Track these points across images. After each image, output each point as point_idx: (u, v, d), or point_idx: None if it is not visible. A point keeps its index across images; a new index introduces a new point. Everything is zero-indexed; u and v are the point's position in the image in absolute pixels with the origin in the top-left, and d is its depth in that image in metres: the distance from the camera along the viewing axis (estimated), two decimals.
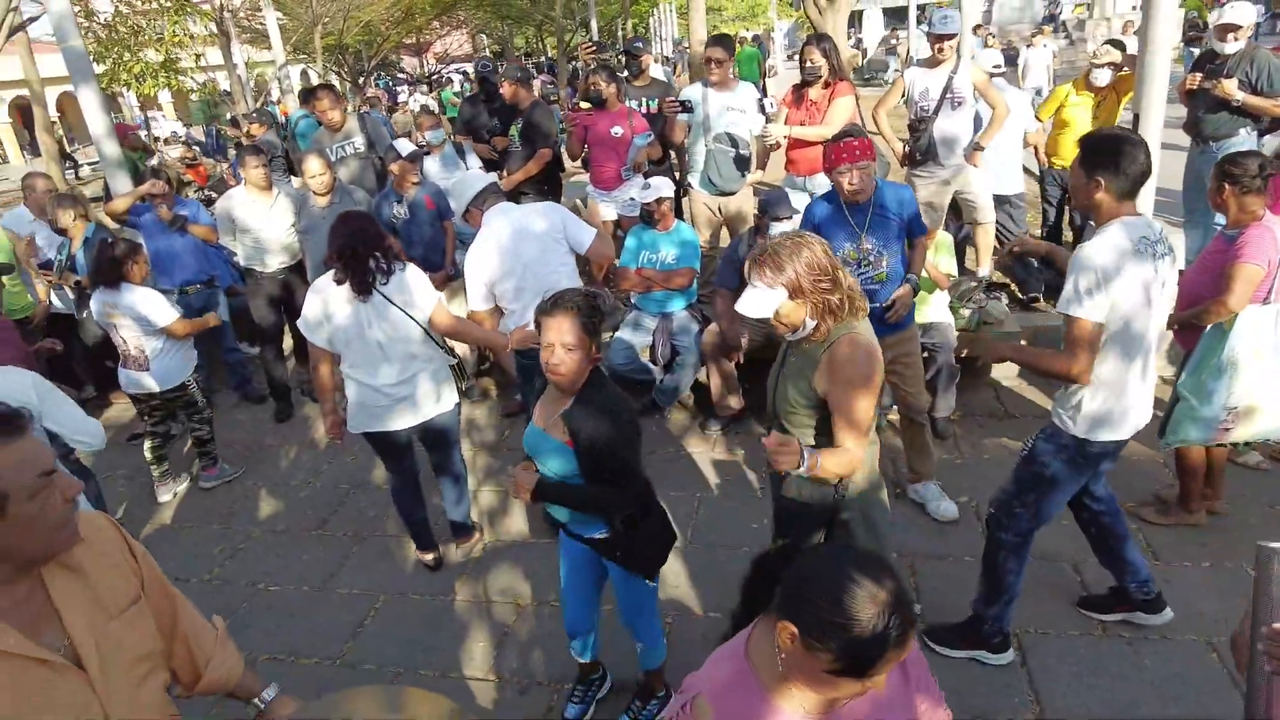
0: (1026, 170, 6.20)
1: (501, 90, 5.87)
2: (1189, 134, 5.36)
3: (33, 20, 8.32)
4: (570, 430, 2.29)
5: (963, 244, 5.54)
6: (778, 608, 1.31)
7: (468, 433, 4.97)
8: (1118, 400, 2.51)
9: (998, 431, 4.46)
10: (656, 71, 8.92)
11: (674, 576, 3.54)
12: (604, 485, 2.34)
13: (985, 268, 5.39)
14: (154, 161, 9.13)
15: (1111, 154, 2.33)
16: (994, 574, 2.84)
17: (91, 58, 6.18)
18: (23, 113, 29.01)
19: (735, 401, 4.62)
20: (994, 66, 5.79)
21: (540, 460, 2.41)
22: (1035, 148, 6.03)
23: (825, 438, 2.28)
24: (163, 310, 4.17)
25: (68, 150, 21.90)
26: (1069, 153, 5.71)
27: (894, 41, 14.97)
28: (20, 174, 23.98)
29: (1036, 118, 6.00)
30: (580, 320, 2.25)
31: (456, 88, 19.59)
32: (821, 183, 5.10)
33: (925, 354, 4.50)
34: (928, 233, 3.60)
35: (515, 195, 5.47)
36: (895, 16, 32.35)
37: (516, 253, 3.48)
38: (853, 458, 2.20)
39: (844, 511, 2.40)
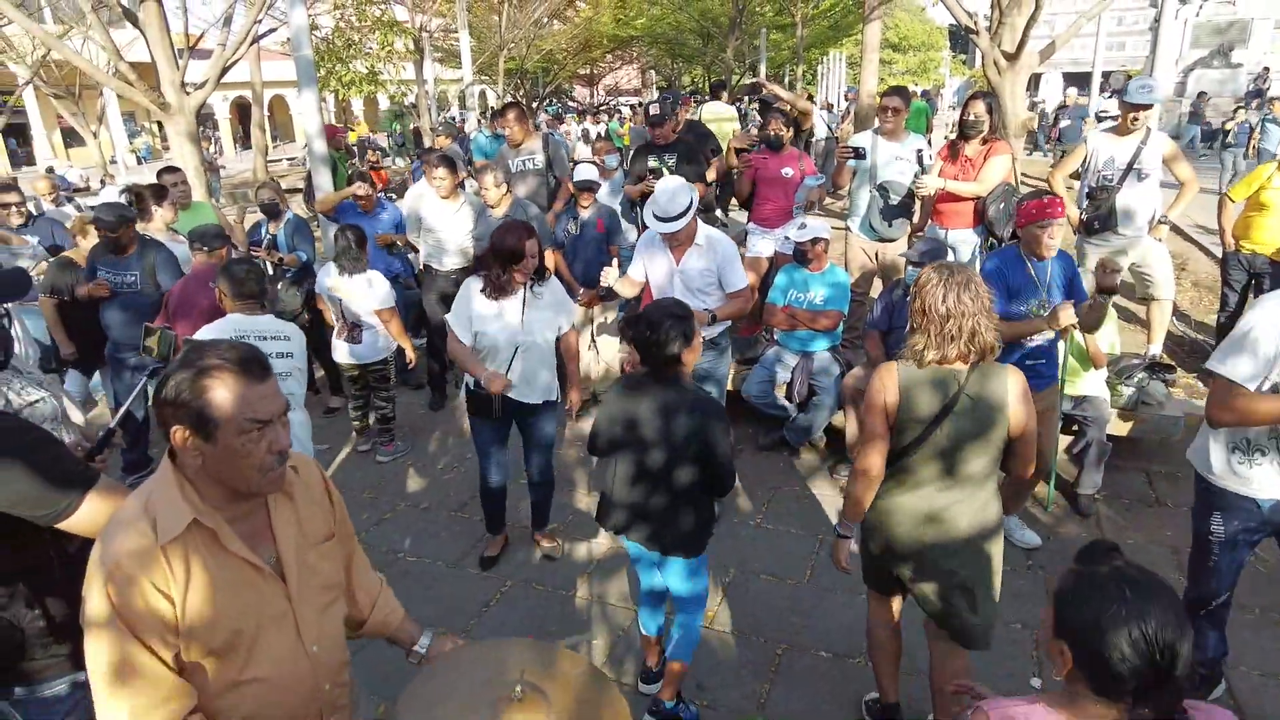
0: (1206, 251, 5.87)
1: (654, 130, 5.73)
2: None
3: (272, 31, 9.44)
4: None
5: None
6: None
7: None
8: None
9: (1145, 518, 4.22)
10: (817, 119, 9.03)
11: (787, 612, 3.59)
12: None
13: (1156, 345, 5.14)
14: (357, 163, 10.08)
15: None
16: None
17: None
18: (239, 111, 32.51)
19: None
20: None
21: None
22: (1222, 229, 5.69)
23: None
24: (385, 294, 4.84)
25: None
26: (1262, 237, 5.37)
27: (1069, 104, 14.19)
28: (234, 165, 26.58)
29: (1228, 196, 5.66)
30: None
31: (625, 115, 20.40)
32: (963, 238, 5.05)
33: (1075, 427, 4.35)
34: (1089, 298, 3.54)
35: None
36: (1075, 81, 31.01)
37: None
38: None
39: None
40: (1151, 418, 4.47)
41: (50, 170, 18.14)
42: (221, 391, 1.39)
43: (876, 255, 5.40)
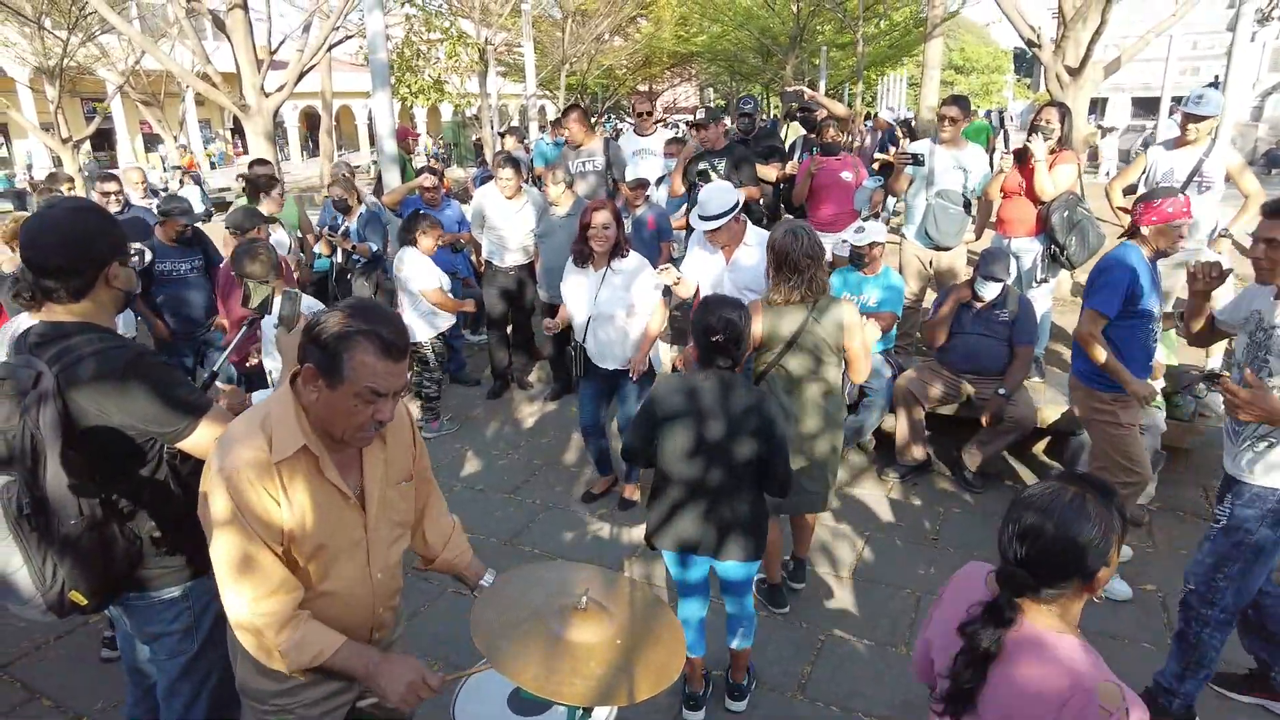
0: None
1: (700, 133, 5.84)
2: None
3: (349, 38, 9.88)
4: None
5: None
6: None
7: None
8: None
9: (1199, 531, 4.15)
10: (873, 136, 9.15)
11: (832, 602, 3.66)
12: None
13: (1215, 358, 5.07)
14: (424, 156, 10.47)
15: None
16: (1196, 650, 2.79)
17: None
18: (308, 120, 33.73)
19: (919, 452, 4.64)
20: None
21: None
22: None
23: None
24: (424, 277, 5.02)
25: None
26: None
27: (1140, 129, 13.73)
28: (300, 170, 27.44)
29: None
30: None
31: (682, 130, 20.68)
32: (1026, 246, 5.04)
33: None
34: None
35: None
36: (1142, 106, 30.36)
37: None
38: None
39: None
40: (1209, 430, 4.42)
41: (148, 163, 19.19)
42: (360, 356, 1.53)
43: (931, 263, 5.44)
